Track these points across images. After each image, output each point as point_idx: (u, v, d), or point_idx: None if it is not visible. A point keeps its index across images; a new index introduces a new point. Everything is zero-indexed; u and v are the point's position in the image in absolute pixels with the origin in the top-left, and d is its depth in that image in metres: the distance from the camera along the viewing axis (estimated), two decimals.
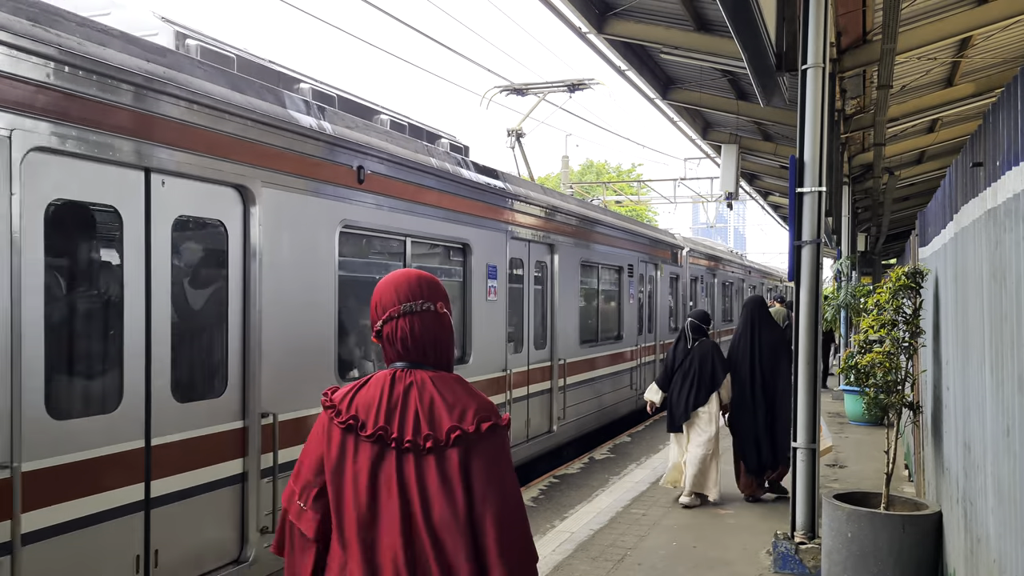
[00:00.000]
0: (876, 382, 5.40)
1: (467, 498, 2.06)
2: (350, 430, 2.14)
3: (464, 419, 2.14)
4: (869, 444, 10.74)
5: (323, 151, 5.93)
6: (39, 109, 3.96)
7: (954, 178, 4.28)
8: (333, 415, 2.17)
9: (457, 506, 2.05)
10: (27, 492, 3.87)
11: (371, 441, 2.12)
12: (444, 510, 2.05)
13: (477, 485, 2.08)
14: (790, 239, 6.06)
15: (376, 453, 2.11)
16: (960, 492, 4.05)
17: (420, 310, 2.26)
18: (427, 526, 2.04)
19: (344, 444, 2.14)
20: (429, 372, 2.23)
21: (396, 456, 2.11)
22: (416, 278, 2.31)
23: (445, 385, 2.21)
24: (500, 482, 2.11)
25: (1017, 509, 2.66)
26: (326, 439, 2.17)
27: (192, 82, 4.83)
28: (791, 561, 5.82)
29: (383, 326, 2.27)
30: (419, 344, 2.24)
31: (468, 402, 2.19)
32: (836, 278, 15.60)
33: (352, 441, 2.13)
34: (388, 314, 2.26)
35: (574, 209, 11.31)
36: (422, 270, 2.63)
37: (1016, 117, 2.63)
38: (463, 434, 2.11)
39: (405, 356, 2.25)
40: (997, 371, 3.02)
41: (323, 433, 2.19)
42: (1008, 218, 2.77)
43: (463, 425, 2.13)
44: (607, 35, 9.22)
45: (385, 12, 9.40)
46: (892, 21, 7.35)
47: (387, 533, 2.06)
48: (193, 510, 4.82)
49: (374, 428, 2.13)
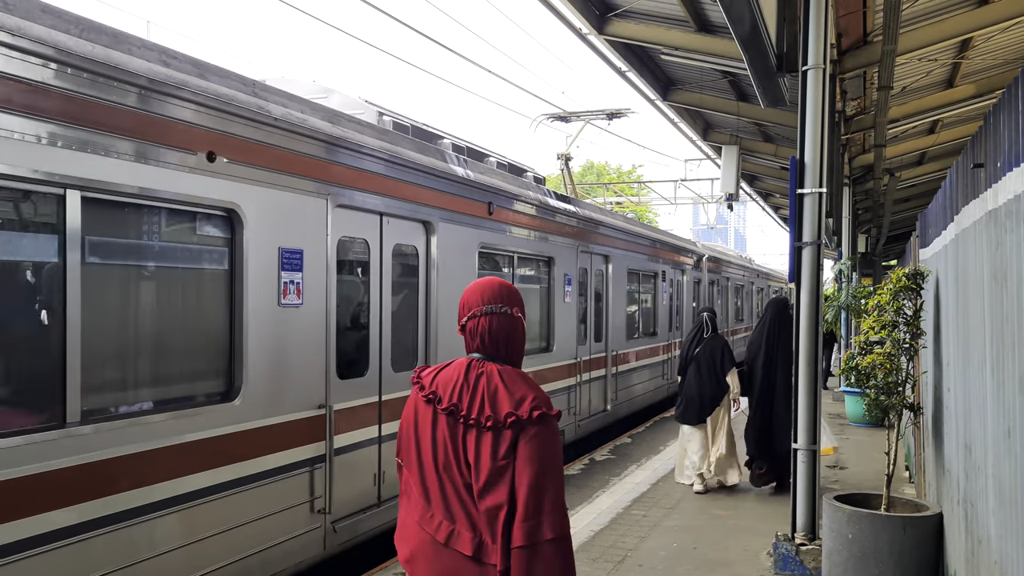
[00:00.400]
0: (877, 383, 5.39)
1: (511, 469, 2.51)
2: (430, 402, 2.67)
3: (521, 407, 2.57)
4: (870, 445, 10.74)
5: (470, 193, 8.17)
6: (336, 179, 6.17)
7: (955, 179, 4.28)
8: (419, 389, 2.72)
9: (502, 473, 2.52)
10: (334, 422, 6.08)
11: (446, 413, 2.64)
12: (487, 474, 2.53)
13: (521, 459, 2.51)
14: (791, 240, 6.06)
15: (448, 423, 2.63)
16: (961, 494, 4.05)
17: (498, 311, 2.73)
18: (475, 484, 2.55)
19: (426, 412, 2.68)
20: (498, 365, 2.69)
21: (462, 429, 2.60)
22: (498, 285, 2.79)
23: (509, 377, 2.66)
24: (541, 458, 2.50)
25: (1018, 511, 2.66)
26: (412, 408, 2.74)
27: (404, 152, 7.02)
28: (792, 562, 5.81)
29: (467, 322, 2.75)
30: (494, 340, 2.71)
31: (527, 393, 2.62)
32: (837, 279, 15.60)
33: (431, 411, 2.67)
34: (472, 312, 2.74)
35: (623, 225, 13.65)
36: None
37: (1017, 118, 2.63)
38: (517, 419, 2.55)
39: (481, 349, 2.72)
40: (998, 372, 3.02)
41: (412, 403, 2.76)
42: (1009, 219, 2.77)
43: (519, 412, 2.57)
44: (607, 36, 9.22)
45: (402, 22, 9.41)
46: (893, 22, 7.35)
47: (447, 482, 2.61)
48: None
49: (448, 403, 2.63)
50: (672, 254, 16.31)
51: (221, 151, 4.98)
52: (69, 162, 4.12)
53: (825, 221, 6.10)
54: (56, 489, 4.06)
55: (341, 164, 6.13)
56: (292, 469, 5.61)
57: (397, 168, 6.83)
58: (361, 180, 6.38)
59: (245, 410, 5.22)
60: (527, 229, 9.62)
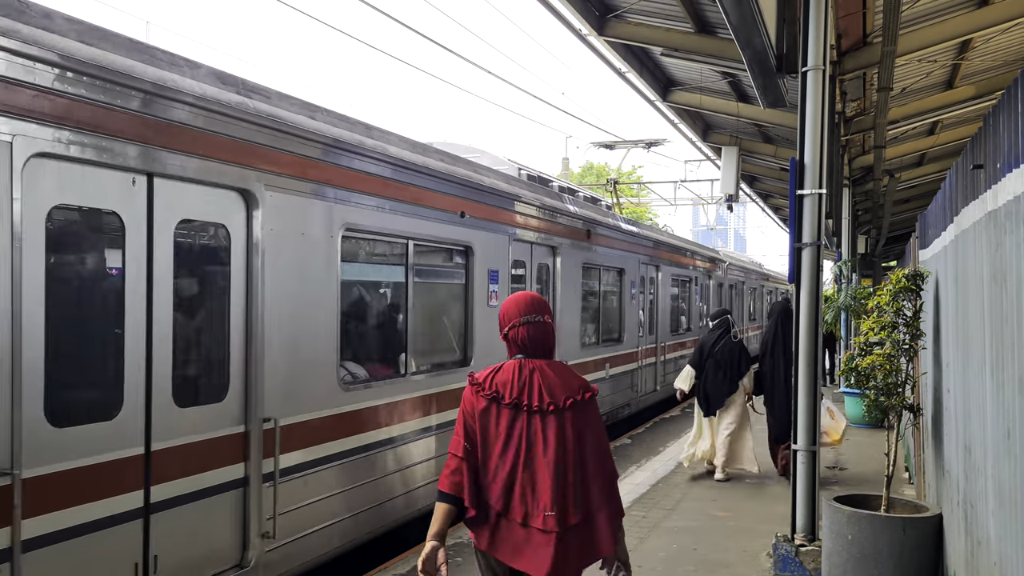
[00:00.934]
0: (876, 384, 5.39)
1: (575, 441, 3.19)
2: (493, 400, 3.24)
3: (573, 391, 3.26)
4: (869, 446, 10.73)
5: (576, 223, 11.14)
6: (509, 222, 9.03)
7: (954, 180, 4.28)
8: (478, 390, 3.28)
9: (567, 447, 3.18)
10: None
11: (509, 407, 3.22)
12: (557, 450, 3.17)
13: (584, 432, 3.23)
14: (790, 241, 6.06)
15: (512, 414, 3.22)
16: (961, 494, 4.05)
17: (533, 321, 3.37)
18: (543, 462, 3.15)
19: (489, 408, 3.24)
20: (541, 361, 3.32)
21: (527, 416, 3.21)
22: (531, 299, 3.46)
23: (555, 369, 3.32)
24: (597, 434, 3.29)
25: (1018, 512, 2.66)
26: (472, 405, 3.28)
27: (542, 199, 10.16)
28: (791, 563, 5.81)
29: (508, 331, 3.39)
30: (534, 343, 3.36)
31: (574, 380, 3.32)
32: (836, 280, 15.61)
33: (495, 407, 3.23)
34: (512, 323, 3.38)
35: (669, 241, 16.67)
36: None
37: (1017, 119, 2.63)
38: (575, 401, 3.23)
39: (523, 351, 3.36)
40: (998, 373, 3.02)
41: (471, 401, 3.28)
42: (1009, 220, 2.77)
43: (573, 395, 3.24)
44: (607, 37, 9.23)
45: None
46: (892, 23, 7.35)
47: (518, 466, 3.17)
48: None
49: (511, 398, 3.22)
50: (702, 262, 19.09)
51: (467, 211, 7.95)
52: (408, 225, 6.96)
53: (825, 222, 6.10)
54: (405, 409, 6.90)
55: (515, 212, 9.20)
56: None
57: (539, 210, 9.91)
58: (524, 222, 9.47)
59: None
60: (608, 248, 12.45)
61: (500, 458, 3.18)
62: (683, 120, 13.66)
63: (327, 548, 5.91)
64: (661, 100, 11.95)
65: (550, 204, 10.28)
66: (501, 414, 3.21)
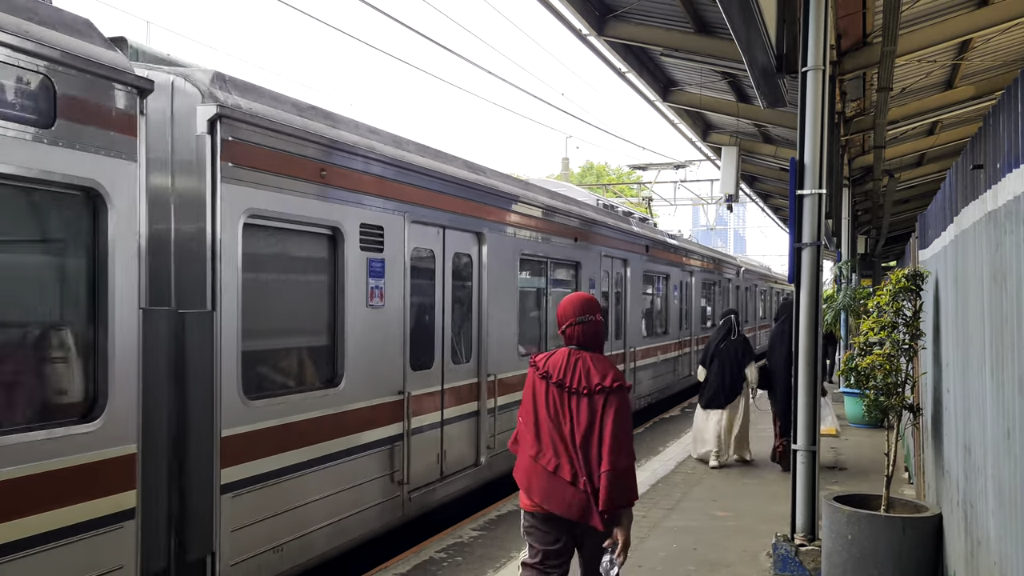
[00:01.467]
0: (876, 384, 5.39)
1: (600, 419, 3.87)
2: (544, 378, 4.01)
3: (605, 379, 3.93)
4: (869, 446, 10.74)
5: (640, 241, 14.04)
6: (597, 242, 11.76)
7: (954, 180, 4.28)
8: (535, 370, 4.07)
9: (594, 425, 3.88)
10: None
11: (555, 385, 3.97)
12: (585, 426, 3.89)
13: (608, 414, 3.87)
14: (790, 241, 6.06)
15: (556, 391, 3.97)
16: (960, 494, 4.05)
17: (586, 320, 4.08)
18: (576, 433, 3.89)
19: (541, 385, 4.03)
20: (588, 353, 4.04)
21: (567, 394, 3.95)
22: (584, 300, 4.16)
23: (596, 361, 4.02)
24: (617, 416, 3.87)
25: (1018, 512, 2.66)
26: (531, 382, 4.08)
27: (618, 224, 12.94)
28: (791, 563, 5.81)
29: (566, 328, 4.10)
30: (585, 338, 4.07)
31: (608, 371, 3.98)
32: (836, 280, 15.61)
33: (545, 384, 4.00)
34: (568, 321, 4.09)
35: (702, 251, 19.90)
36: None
37: (1017, 119, 2.63)
38: (603, 388, 3.91)
39: (576, 343, 4.08)
40: (998, 373, 3.02)
41: (530, 379, 4.10)
42: (1008, 220, 2.77)
43: (604, 383, 3.92)
44: (607, 37, 9.23)
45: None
46: (892, 23, 7.36)
47: (555, 432, 3.93)
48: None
49: (557, 378, 3.98)
50: (726, 267, 22.44)
51: (577, 237, 10.71)
52: (548, 250, 9.84)
53: (825, 222, 6.10)
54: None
55: (602, 235, 11.90)
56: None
57: (617, 232, 12.78)
58: (611, 242, 12.17)
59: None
60: (658, 259, 15.40)
61: (544, 422, 3.99)
62: (683, 120, 13.67)
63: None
64: (661, 100, 11.96)
65: (624, 228, 13.32)
66: (549, 390, 4.01)
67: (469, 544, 6.87)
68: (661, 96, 11.84)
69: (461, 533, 7.17)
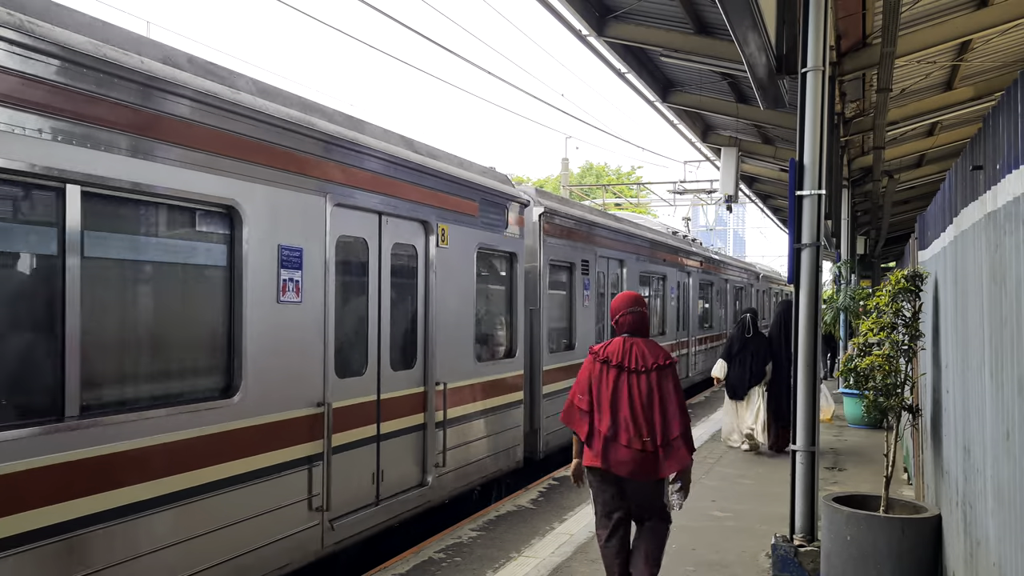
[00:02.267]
0: (875, 385, 5.39)
1: (657, 391, 4.74)
2: (604, 363, 4.84)
3: (658, 359, 4.83)
4: (868, 447, 10.74)
5: (698, 257, 18.65)
6: (676, 260, 16.89)
7: (954, 181, 4.28)
8: (595, 357, 4.90)
9: (653, 397, 4.72)
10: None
11: (615, 368, 4.80)
12: (645, 399, 4.72)
13: (664, 386, 4.76)
14: (790, 242, 6.06)
15: (616, 373, 4.79)
16: (960, 495, 4.05)
17: (634, 311, 4.99)
18: (639, 405, 4.72)
19: (602, 369, 4.84)
20: (639, 339, 4.93)
21: (627, 375, 4.78)
22: (633, 296, 5.12)
23: (647, 345, 4.92)
24: (670, 388, 4.77)
25: (1017, 512, 2.66)
26: (590, 367, 4.91)
27: (691, 249, 18.54)
28: (790, 564, 5.81)
29: (619, 318, 4.99)
30: (633, 326, 4.97)
31: (659, 352, 4.89)
32: (835, 281, 15.63)
33: (605, 368, 4.83)
34: (621, 313, 5.00)
35: (731, 261, 24.44)
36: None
37: (1016, 120, 2.64)
38: (659, 366, 4.79)
39: (627, 331, 4.96)
40: (997, 374, 3.02)
41: (589, 365, 4.92)
42: (1008, 221, 2.77)
43: (659, 362, 4.81)
44: (607, 38, 9.24)
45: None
46: (892, 24, 7.37)
47: (621, 407, 4.73)
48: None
49: (616, 362, 4.82)
50: (749, 275, 26.36)
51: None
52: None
53: (824, 223, 6.11)
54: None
55: (679, 256, 16.10)
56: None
57: (685, 252, 16.87)
58: (682, 261, 16.46)
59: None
60: (707, 270, 19.66)
61: (610, 402, 4.74)
62: (682, 121, 13.68)
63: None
64: (661, 101, 11.96)
65: (692, 250, 18.06)
66: (609, 372, 4.80)
67: (468, 544, 6.87)
68: (661, 97, 11.85)
69: (460, 533, 7.17)
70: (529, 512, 7.95)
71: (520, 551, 6.58)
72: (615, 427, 4.66)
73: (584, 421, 4.79)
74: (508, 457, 8.90)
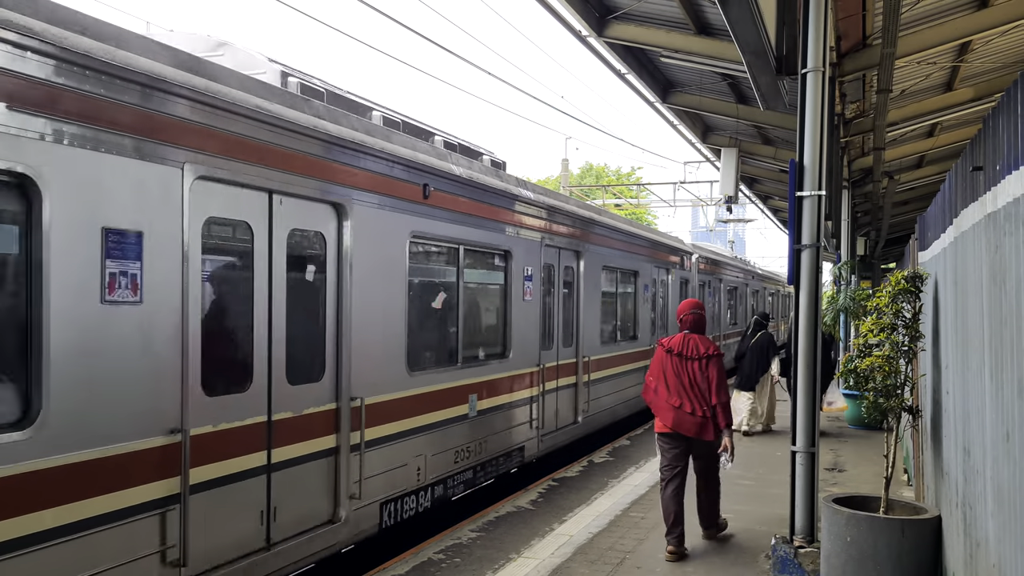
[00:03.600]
0: (875, 386, 5.39)
1: (707, 375, 6.44)
2: (668, 352, 6.55)
3: (708, 350, 6.52)
4: (868, 448, 10.74)
5: (740, 271, 25.14)
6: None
7: (954, 182, 4.28)
8: (661, 347, 6.66)
9: (706, 377, 6.44)
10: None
11: (676, 356, 6.52)
12: (698, 378, 6.43)
13: (711, 370, 6.47)
14: (790, 243, 6.06)
15: (677, 360, 6.50)
16: (960, 496, 4.05)
17: (695, 313, 6.79)
18: (694, 382, 6.43)
19: (667, 356, 6.55)
20: (696, 335, 6.66)
21: (685, 361, 6.48)
22: (694, 301, 6.98)
23: (701, 339, 6.62)
24: (716, 371, 6.48)
25: (1017, 514, 2.66)
26: (659, 356, 6.64)
27: (739, 264, 26.13)
28: (790, 565, 5.81)
29: (683, 317, 6.76)
30: (694, 324, 6.72)
31: (709, 345, 6.61)
32: (835, 282, 15.62)
33: (669, 356, 6.53)
34: (684, 313, 6.78)
35: (758, 270, 27.94)
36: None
37: (1016, 121, 2.63)
38: (708, 355, 6.48)
39: (688, 328, 6.70)
40: (997, 375, 3.02)
41: (658, 353, 6.66)
42: (1008, 222, 2.77)
43: (708, 352, 6.50)
44: (607, 39, 9.23)
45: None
46: (892, 25, 7.36)
47: (684, 384, 6.43)
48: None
49: (678, 351, 6.53)
50: (771, 282, 31.22)
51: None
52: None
53: (824, 224, 6.10)
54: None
55: (728, 270, 23.08)
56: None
57: (728, 267, 22.47)
58: (732, 274, 23.39)
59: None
60: (741, 277, 24.32)
61: (673, 380, 6.48)
62: (683, 121, 13.67)
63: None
64: (661, 102, 11.96)
65: (740, 266, 23.51)
66: (672, 359, 6.55)
67: (468, 545, 6.86)
68: (661, 97, 11.84)
69: (460, 534, 7.16)
70: (529, 513, 7.95)
71: (520, 552, 6.57)
72: (678, 398, 6.42)
73: (657, 396, 6.52)
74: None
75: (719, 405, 6.36)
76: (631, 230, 14.02)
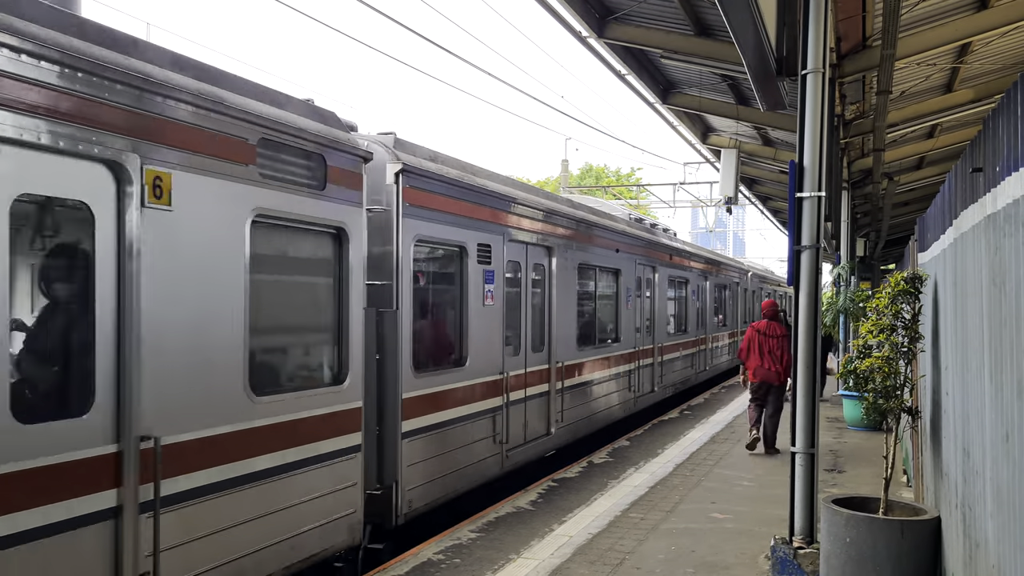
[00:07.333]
0: (875, 387, 5.40)
1: (779, 348, 10.93)
2: (756, 331, 11.19)
3: (779, 331, 11.06)
4: (867, 449, 10.75)
5: (757, 278, 28.81)
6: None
7: (954, 183, 4.29)
8: (752, 327, 11.30)
9: (782, 351, 10.85)
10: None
11: (761, 334, 11.12)
12: (775, 348, 10.98)
13: (782, 346, 10.86)
14: (790, 244, 6.07)
15: (762, 336, 11.10)
16: (959, 497, 4.06)
17: (772, 307, 11.39)
18: (772, 351, 11.01)
19: (755, 334, 11.20)
20: (774, 320, 11.20)
21: (767, 337, 11.06)
22: (772, 302, 11.47)
23: (776, 323, 11.20)
24: (785, 345, 10.76)
25: (1016, 514, 2.66)
26: (750, 333, 11.28)
27: (757, 272, 30.93)
28: (789, 566, 5.81)
29: (766, 310, 11.33)
30: (770, 315, 11.28)
31: (781, 327, 11.06)
32: (835, 283, 15.63)
33: (757, 333, 11.18)
34: (766, 309, 11.41)
35: (771, 277, 32.21)
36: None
37: (1016, 123, 2.64)
38: (780, 335, 10.99)
39: (768, 317, 11.23)
40: (996, 376, 3.02)
41: (749, 331, 11.33)
42: (1008, 223, 2.77)
43: (780, 333, 11.00)
44: (607, 39, 9.24)
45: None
46: (892, 27, 7.37)
47: (765, 352, 11.03)
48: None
49: (763, 331, 11.14)
50: (782, 286, 33.17)
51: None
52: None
53: (824, 225, 6.11)
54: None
55: (746, 273, 26.37)
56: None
57: (750, 274, 26.74)
58: (754, 278, 27.32)
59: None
60: (760, 281, 28.53)
61: (759, 350, 10.88)
62: (682, 122, 13.69)
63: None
64: (661, 102, 11.97)
65: (761, 274, 26.74)
66: (759, 336, 10.93)
67: (468, 546, 6.87)
68: (661, 98, 11.86)
69: (459, 535, 7.16)
70: (528, 514, 7.95)
71: (520, 553, 6.58)
72: (763, 361, 10.78)
73: (750, 359, 10.93)
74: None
75: (783, 366, 10.63)
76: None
